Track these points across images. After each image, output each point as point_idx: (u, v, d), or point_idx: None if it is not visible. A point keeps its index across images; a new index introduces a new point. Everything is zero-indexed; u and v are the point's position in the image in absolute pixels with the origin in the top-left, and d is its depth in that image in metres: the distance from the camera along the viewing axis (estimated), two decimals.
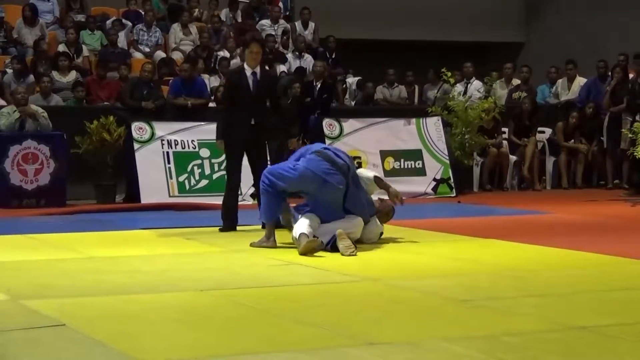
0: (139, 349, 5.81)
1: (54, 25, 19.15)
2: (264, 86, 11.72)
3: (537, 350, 5.78)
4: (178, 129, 15.24)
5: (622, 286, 8.00)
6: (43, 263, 9.34)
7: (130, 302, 7.35)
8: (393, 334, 6.24)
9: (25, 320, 6.69)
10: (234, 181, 12.09)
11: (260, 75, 11.70)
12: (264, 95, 11.78)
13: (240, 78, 11.66)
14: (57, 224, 12.47)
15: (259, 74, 11.66)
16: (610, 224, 12.53)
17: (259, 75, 11.63)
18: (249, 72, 11.59)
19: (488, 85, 18.69)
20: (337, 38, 20.09)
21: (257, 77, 11.59)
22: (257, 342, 6.06)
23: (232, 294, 7.69)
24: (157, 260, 9.52)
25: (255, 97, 11.62)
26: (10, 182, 14.49)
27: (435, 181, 16.19)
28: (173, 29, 19.65)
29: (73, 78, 17.09)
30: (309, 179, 9.99)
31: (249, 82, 11.56)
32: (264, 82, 11.72)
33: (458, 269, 8.82)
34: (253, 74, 11.58)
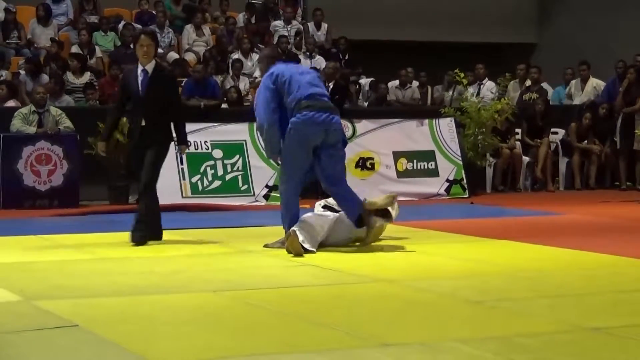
0: (151, 350, 5.81)
1: (67, 26, 19.18)
2: (156, 86, 10.53)
3: (550, 351, 5.78)
4: (191, 130, 15.18)
5: (636, 287, 7.99)
6: (56, 264, 9.35)
7: (143, 303, 7.36)
8: (407, 335, 6.24)
9: (38, 320, 6.70)
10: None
11: (152, 73, 10.53)
12: (155, 96, 10.51)
13: (131, 76, 10.71)
14: (70, 225, 12.49)
15: (151, 72, 10.52)
16: (623, 225, 12.51)
17: (150, 73, 10.50)
18: (139, 70, 10.54)
19: (502, 87, 18.68)
20: (349, 39, 20.11)
21: (147, 76, 10.49)
22: (271, 344, 6.06)
23: (245, 295, 7.69)
24: (170, 262, 9.53)
25: (144, 97, 10.51)
26: (24, 183, 14.53)
27: (448, 182, 16.18)
28: (186, 30, 19.68)
29: (87, 79, 17.12)
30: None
31: (138, 80, 10.50)
32: (156, 80, 10.54)
33: (471, 270, 8.82)
34: (144, 71, 10.50)
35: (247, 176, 15.20)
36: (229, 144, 15.29)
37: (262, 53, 12.28)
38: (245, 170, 15.20)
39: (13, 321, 6.71)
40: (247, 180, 15.17)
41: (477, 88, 18.30)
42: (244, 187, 15.13)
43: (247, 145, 15.30)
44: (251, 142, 15.29)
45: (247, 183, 15.16)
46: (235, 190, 15.06)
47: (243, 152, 15.26)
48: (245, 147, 15.29)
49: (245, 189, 15.12)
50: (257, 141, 15.27)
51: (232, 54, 19.01)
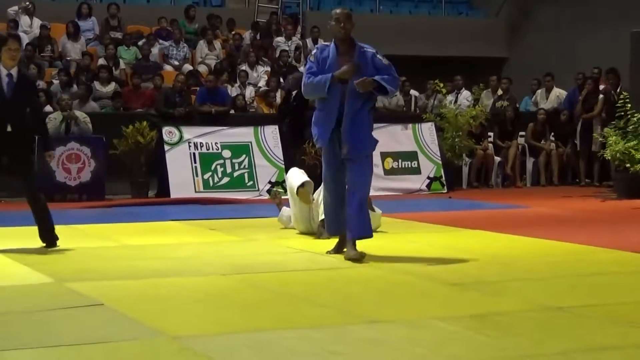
0: (168, 326, 5.81)
1: (94, 41, 19.17)
2: (21, 89, 9.19)
3: (519, 328, 5.78)
4: (203, 133, 15.26)
5: (593, 272, 7.98)
6: (84, 250, 9.36)
7: (161, 285, 7.36)
8: (392, 313, 6.23)
9: (68, 300, 6.70)
10: None
11: (17, 77, 9.16)
12: (21, 99, 9.19)
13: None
14: (96, 216, 12.50)
15: (16, 76, 9.14)
16: (582, 217, 12.52)
17: (15, 77, 9.12)
18: (4, 74, 9.08)
19: (476, 95, 18.73)
20: None
21: (12, 79, 9.10)
22: (273, 320, 6.06)
23: (251, 278, 7.69)
24: (184, 248, 9.52)
25: (10, 101, 9.08)
26: (56, 179, 14.52)
27: (429, 179, 16.18)
28: (199, 45, 19.67)
29: (112, 88, 17.13)
30: None
31: (3, 84, 9.07)
32: (21, 84, 9.18)
33: (449, 257, 8.80)
34: (9, 75, 9.09)
35: (252, 173, 15.20)
36: (236, 145, 15.30)
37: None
38: (251, 168, 15.21)
39: (46, 300, 6.71)
40: (252, 177, 15.18)
41: (455, 96, 18.30)
42: (249, 183, 15.13)
43: (252, 147, 15.32)
44: (256, 143, 15.32)
45: (252, 179, 15.16)
46: (242, 185, 15.06)
47: (249, 153, 15.27)
48: (251, 148, 15.31)
49: (251, 184, 15.12)
50: (261, 142, 15.30)
51: (240, 66, 19.00)
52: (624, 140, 14.68)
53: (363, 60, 8.35)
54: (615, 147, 14.69)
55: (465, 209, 13.51)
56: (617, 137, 14.78)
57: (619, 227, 11.25)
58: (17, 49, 9.36)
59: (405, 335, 5.59)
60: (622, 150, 14.60)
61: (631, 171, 14.52)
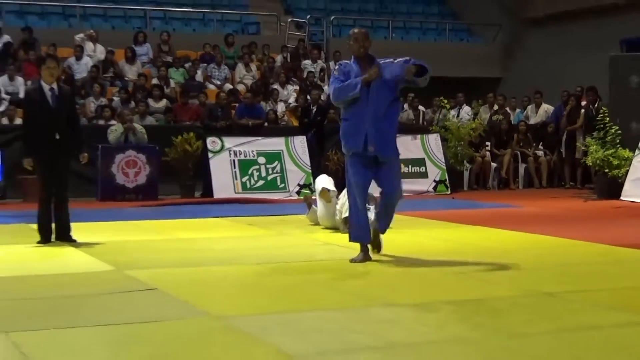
0: (212, 306, 5.83)
1: (149, 64, 19.23)
2: (63, 101, 9.22)
3: (514, 310, 5.77)
4: (242, 142, 15.28)
5: (578, 262, 7.96)
6: (140, 242, 9.39)
7: (206, 272, 7.38)
8: (404, 298, 6.24)
9: (127, 285, 6.73)
10: (47, 195, 9.19)
11: (58, 91, 9.19)
12: (63, 110, 9.18)
13: (39, 94, 9.18)
14: (150, 214, 12.53)
15: (57, 90, 9.16)
16: (567, 215, 12.46)
17: (57, 91, 9.14)
18: (47, 88, 9.10)
19: (475, 110, 18.70)
20: None
21: (55, 93, 9.11)
22: (301, 303, 6.07)
23: (282, 266, 7.70)
24: (225, 241, 9.54)
25: (55, 111, 9.09)
26: (116, 182, 14.57)
27: (435, 182, 16.15)
28: (238, 67, 19.70)
29: (164, 104, 17.18)
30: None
31: (48, 97, 9.09)
32: (62, 97, 9.21)
33: (452, 249, 8.80)
34: (51, 89, 9.10)
35: (284, 177, 15.21)
36: (270, 153, 15.31)
37: None
38: (282, 172, 15.22)
39: (108, 285, 6.75)
40: (283, 180, 15.18)
41: (457, 111, 18.26)
42: (281, 185, 15.13)
43: (283, 154, 15.33)
44: (286, 151, 15.34)
45: (284, 182, 15.16)
46: (275, 187, 15.07)
47: (280, 159, 15.28)
48: (282, 155, 15.32)
49: (282, 186, 15.13)
50: (291, 150, 15.31)
51: (272, 85, 19.02)
52: (603, 148, 14.64)
53: (382, 70, 7.89)
54: (596, 155, 14.66)
55: (466, 208, 13.47)
56: (597, 146, 14.74)
57: (600, 224, 11.20)
58: (55, 67, 9.35)
59: (414, 316, 5.59)
60: (601, 157, 14.58)
61: (609, 175, 14.48)
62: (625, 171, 14.37)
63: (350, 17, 24.48)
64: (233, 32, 21.65)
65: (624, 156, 14.46)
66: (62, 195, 9.25)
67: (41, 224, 9.18)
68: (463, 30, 26.18)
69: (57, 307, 5.94)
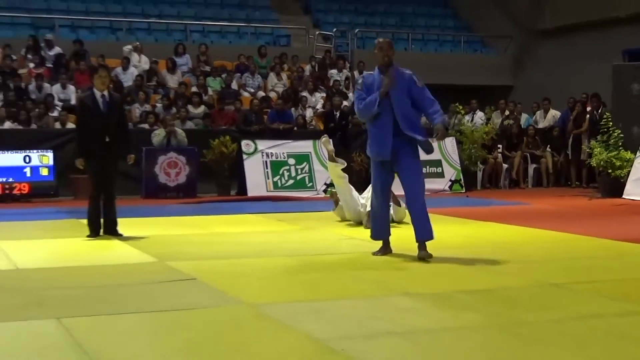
0: (247, 295, 5.84)
1: (188, 73, 19.29)
2: (113, 107, 9.26)
3: (523, 299, 5.75)
4: (273, 145, 15.31)
5: (582, 256, 7.92)
6: (181, 236, 9.43)
7: (240, 264, 7.40)
8: (422, 287, 6.23)
9: (168, 275, 6.76)
10: (96, 193, 9.24)
11: (109, 98, 9.25)
12: (113, 115, 9.24)
13: (91, 101, 9.21)
14: (190, 210, 12.58)
15: (108, 97, 9.23)
16: (573, 212, 12.39)
17: (107, 98, 9.21)
18: (99, 95, 9.17)
19: (488, 115, 18.64)
20: None
21: (105, 99, 9.18)
22: (327, 292, 6.07)
23: (310, 259, 7.70)
24: (258, 235, 9.55)
25: (105, 116, 9.14)
26: (159, 181, 14.64)
27: (450, 182, 16.11)
28: (270, 76, 19.72)
29: (202, 110, 17.22)
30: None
31: (99, 103, 9.15)
32: (112, 103, 9.26)
33: (467, 243, 8.78)
34: (102, 96, 9.16)
35: (312, 177, 15.22)
36: (299, 154, 15.32)
37: None
38: (310, 172, 15.23)
39: (151, 275, 6.78)
40: (311, 180, 15.19)
41: (471, 116, 18.18)
42: (309, 184, 15.14)
43: (311, 156, 15.35)
44: (314, 153, 15.35)
45: (312, 181, 15.18)
46: (303, 186, 15.08)
47: (309, 160, 15.29)
48: (310, 157, 15.34)
49: (310, 185, 15.14)
50: (318, 152, 15.32)
51: (301, 93, 19.03)
52: (607, 151, 14.60)
53: (400, 77, 7.65)
54: (600, 156, 14.61)
55: (479, 205, 13.43)
56: (601, 149, 14.69)
57: (603, 220, 11.13)
58: (107, 76, 9.43)
59: (432, 304, 5.58)
60: (605, 159, 14.53)
61: (612, 175, 14.44)
62: (627, 172, 14.32)
63: (373, 30, 24.45)
64: (265, 44, 21.68)
65: (625, 158, 14.43)
66: (110, 193, 9.31)
67: (91, 219, 9.24)
68: (477, 42, 26.09)
69: (105, 295, 5.98)
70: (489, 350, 4.49)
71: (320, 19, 24.70)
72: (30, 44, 18.48)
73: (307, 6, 25.50)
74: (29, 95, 16.92)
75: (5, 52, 18.13)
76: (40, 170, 14.15)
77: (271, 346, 4.56)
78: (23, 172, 14.05)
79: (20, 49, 18.44)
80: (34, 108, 16.05)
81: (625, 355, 4.38)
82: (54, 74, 17.74)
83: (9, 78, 17.02)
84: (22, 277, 6.73)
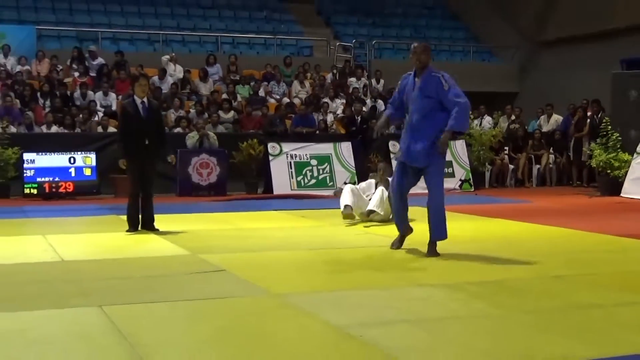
0: (272, 285, 5.84)
1: (219, 81, 19.32)
2: (151, 113, 9.25)
3: (526, 289, 5.72)
4: (297, 147, 15.30)
5: (583, 250, 7.86)
6: (212, 231, 9.44)
7: (266, 257, 7.39)
8: (434, 278, 6.20)
9: (200, 266, 6.77)
10: (135, 191, 9.27)
11: (148, 104, 9.26)
12: (152, 120, 9.24)
13: (132, 106, 9.23)
14: (220, 207, 12.61)
15: (147, 103, 9.23)
16: (574, 210, 12.31)
17: (146, 104, 9.21)
18: (139, 101, 9.19)
19: (495, 120, 18.58)
20: None
21: (145, 106, 9.18)
22: (347, 283, 6.06)
23: (331, 252, 7.69)
24: (283, 230, 9.56)
25: (145, 121, 9.15)
26: (192, 180, 14.67)
27: (460, 181, 16.04)
28: (294, 84, 19.73)
29: (232, 115, 17.25)
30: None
31: (140, 109, 9.17)
32: (151, 109, 9.26)
33: (475, 238, 8.73)
34: (142, 102, 9.18)
35: (332, 176, 15.19)
36: (321, 156, 15.30)
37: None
38: (331, 172, 15.21)
39: (185, 267, 6.79)
40: (332, 179, 15.17)
41: (480, 121, 18.13)
42: (330, 183, 15.11)
43: (332, 157, 15.33)
44: (335, 155, 15.34)
45: (332, 181, 15.15)
46: (325, 185, 15.06)
47: (330, 161, 15.27)
48: (331, 158, 15.32)
49: (331, 184, 15.10)
50: (339, 154, 15.31)
51: (323, 99, 19.01)
52: (606, 152, 14.57)
53: (427, 82, 7.27)
54: (599, 158, 14.58)
55: (487, 203, 13.37)
56: (601, 150, 14.67)
57: (602, 217, 11.05)
58: (146, 84, 9.44)
59: (444, 295, 5.55)
60: (604, 160, 14.51)
61: (611, 175, 14.41)
62: (625, 172, 14.29)
63: (389, 42, 24.46)
64: (290, 54, 21.68)
65: (623, 159, 14.40)
66: (148, 191, 9.34)
67: (130, 215, 9.28)
68: (485, 52, 25.99)
69: (143, 285, 5.99)
70: (496, 336, 4.46)
71: (340, 31, 24.68)
72: (75, 55, 18.60)
73: (328, 19, 25.51)
74: (74, 101, 17.03)
75: (52, 62, 18.29)
76: (84, 171, 14.22)
77: (294, 332, 4.55)
78: (68, 172, 14.13)
79: (66, 59, 18.59)
80: (78, 114, 16.15)
81: (623, 342, 4.34)
82: (97, 82, 17.84)
83: (56, 86, 17.16)
84: (67, 269, 6.76)
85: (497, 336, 4.47)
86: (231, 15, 24.04)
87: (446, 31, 26.21)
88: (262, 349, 4.21)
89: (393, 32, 25.36)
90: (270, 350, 4.20)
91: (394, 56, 23.80)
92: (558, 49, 23.42)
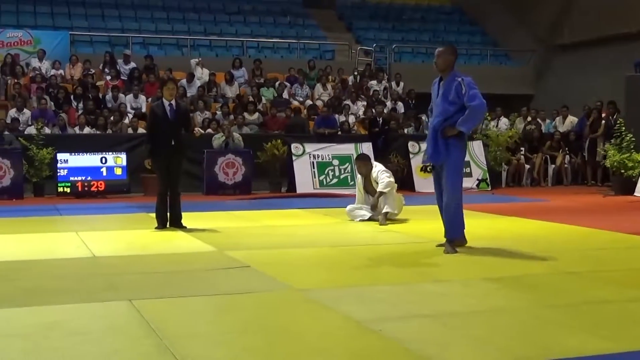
0: (295, 281, 5.84)
1: (244, 84, 19.38)
2: (179, 115, 9.24)
3: (542, 285, 5.68)
4: (319, 148, 15.30)
5: (597, 247, 7.80)
6: (237, 228, 9.46)
7: (289, 253, 7.40)
8: (451, 275, 6.18)
9: (226, 262, 6.79)
10: (163, 189, 9.31)
11: (176, 106, 9.26)
12: (179, 122, 9.26)
13: (161, 109, 9.26)
14: (245, 205, 12.64)
15: (175, 105, 9.24)
16: (589, 208, 12.22)
17: (174, 107, 9.22)
18: (167, 104, 9.21)
19: (511, 121, 18.52)
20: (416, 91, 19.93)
21: (173, 108, 9.19)
22: (367, 278, 6.05)
23: (351, 249, 7.68)
24: (305, 228, 9.56)
25: (172, 123, 9.18)
26: (218, 179, 14.72)
27: (478, 180, 15.97)
28: (317, 86, 19.74)
29: (257, 117, 17.29)
30: None
31: (167, 111, 9.19)
32: (179, 111, 9.25)
33: (492, 235, 8.68)
34: (170, 105, 9.19)
35: (353, 176, 15.02)
36: (342, 156, 15.30)
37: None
38: (352, 172, 15.13)
39: (211, 263, 6.81)
40: (353, 178, 15.02)
41: (497, 122, 18.06)
42: (351, 182, 15.02)
43: (353, 157, 15.24)
44: (356, 155, 15.24)
45: (353, 180, 14.95)
46: (346, 184, 15.04)
47: (351, 161, 15.19)
48: (352, 158, 15.22)
49: (352, 184, 14.92)
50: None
51: (344, 101, 19.01)
52: (620, 153, 14.48)
53: (448, 86, 7.23)
54: (614, 158, 14.49)
55: (503, 202, 13.30)
56: (615, 151, 14.58)
57: (616, 216, 10.96)
58: (174, 87, 9.47)
59: (461, 290, 5.53)
60: (618, 160, 14.41)
61: (625, 175, 14.31)
62: (638, 172, 14.21)
63: (408, 46, 24.42)
64: (313, 58, 21.71)
65: (637, 159, 14.31)
66: (175, 190, 9.38)
67: (158, 213, 9.32)
68: (502, 55, 25.88)
69: (171, 280, 6.02)
70: (512, 330, 4.44)
71: (361, 36, 24.68)
72: (107, 59, 18.74)
73: (349, 25, 25.51)
74: (106, 104, 17.16)
75: (85, 66, 18.42)
76: (115, 170, 14.31)
77: (316, 326, 4.55)
78: (100, 171, 14.23)
79: (98, 63, 18.73)
80: (109, 115, 16.27)
81: (635, 336, 4.31)
82: (128, 85, 17.95)
83: (88, 89, 17.27)
84: (99, 264, 6.81)
85: (513, 330, 4.45)
86: (256, 21, 24.11)
87: (464, 35, 26.13)
88: (285, 341, 4.22)
89: (412, 36, 25.31)
90: (293, 342, 4.20)
91: (413, 59, 23.77)
92: (573, 53, 23.29)
